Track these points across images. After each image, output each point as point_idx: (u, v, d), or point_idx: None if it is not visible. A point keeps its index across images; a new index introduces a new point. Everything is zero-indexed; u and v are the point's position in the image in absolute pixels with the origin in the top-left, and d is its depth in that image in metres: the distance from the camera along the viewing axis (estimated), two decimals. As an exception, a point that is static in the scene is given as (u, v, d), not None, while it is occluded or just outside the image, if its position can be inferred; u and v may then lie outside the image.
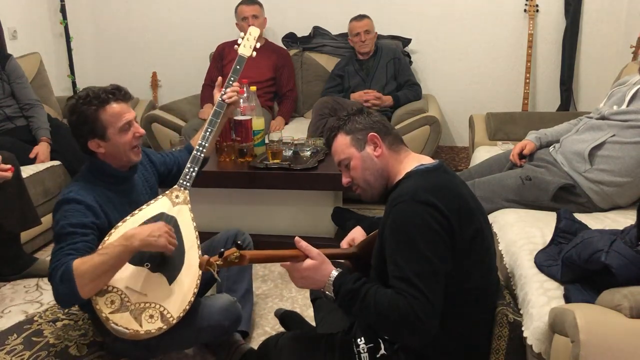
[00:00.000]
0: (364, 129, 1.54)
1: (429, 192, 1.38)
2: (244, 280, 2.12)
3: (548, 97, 3.95)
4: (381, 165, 1.53)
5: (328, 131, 1.62)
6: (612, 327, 1.27)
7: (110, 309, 1.65)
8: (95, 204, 1.77)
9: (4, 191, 2.38)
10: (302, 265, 1.45)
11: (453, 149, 4.11)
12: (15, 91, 3.08)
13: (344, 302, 1.41)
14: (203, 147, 2.01)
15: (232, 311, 1.83)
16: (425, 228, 1.34)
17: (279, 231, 2.90)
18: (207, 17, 4.23)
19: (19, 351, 2.04)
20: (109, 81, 1.99)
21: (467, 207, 1.42)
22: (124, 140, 1.81)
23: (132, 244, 1.64)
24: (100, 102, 1.77)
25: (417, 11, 3.96)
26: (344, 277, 1.43)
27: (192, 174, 1.96)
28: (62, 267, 1.60)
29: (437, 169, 1.50)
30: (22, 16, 3.89)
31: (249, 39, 2.19)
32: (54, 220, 1.76)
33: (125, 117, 1.80)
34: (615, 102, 2.22)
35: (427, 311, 1.29)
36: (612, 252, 1.40)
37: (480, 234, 1.44)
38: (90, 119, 1.77)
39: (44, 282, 2.60)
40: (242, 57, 2.15)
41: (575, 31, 3.73)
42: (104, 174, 1.86)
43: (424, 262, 1.32)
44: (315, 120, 3.41)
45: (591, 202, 2.13)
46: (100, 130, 1.78)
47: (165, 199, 1.91)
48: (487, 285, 1.50)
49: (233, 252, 1.43)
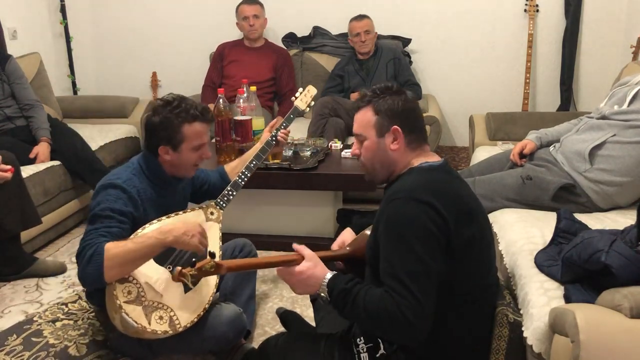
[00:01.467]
0: (391, 117, 1.49)
1: (427, 190, 1.37)
2: (249, 284, 2.14)
3: (548, 97, 3.95)
4: (393, 159, 1.51)
5: (361, 97, 1.56)
6: (612, 327, 1.26)
7: (126, 298, 1.67)
8: (138, 197, 1.81)
9: (4, 191, 2.38)
10: (297, 269, 1.45)
11: (453, 149, 4.11)
12: (15, 91, 3.08)
13: (337, 303, 1.41)
14: (246, 176, 2.10)
15: (238, 323, 1.84)
16: (420, 227, 1.33)
17: (279, 231, 2.90)
18: (207, 17, 4.23)
19: (19, 351, 2.04)
20: (109, 81, 1.99)
21: (466, 209, 1.40)
22: (192, 158, 1.88)
23: (166, 239, 1.66)
24: (189, 117, 1.82)
25: (417, 11, 3.96)
26: (338, 278, 1.43)
27: (230, 196, 2.04)
28: (95, 246, 1.63)
29: (439, 168, 1.49)
30: (22, 16, 3.89)
31: (306, 94, 2.37)
32: (93, 201, 1.79)
33: (203, 139, 1.87)
34: (616, 102, 2.22)
35: (415, 312, 1.28)
36: (612, 252, 1.40)
37: (479, 235, 1.43)
38: (173, 128, 1.82)
39: (44, 282, 2.60)
40: (297, 109, 2.34)
41: (575, 31, 3.73)
42: (154, 174, 1.89)
43: (416, 261, 1.31)
44: (315, 120, 3.41)
45: (591, 202, 2.13)
46: (176, 142, 1.83)
47: (200, 211, 1.95)
48: (487, 285, 1.49)
49: (207, 262, 1.43)
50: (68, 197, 3.09)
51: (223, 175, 2.21)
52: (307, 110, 2.39)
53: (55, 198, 2.95)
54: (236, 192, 2.05)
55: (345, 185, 2.75)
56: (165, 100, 1.86)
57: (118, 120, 3.82)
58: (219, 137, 2.78)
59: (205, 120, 1.87)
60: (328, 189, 2.80)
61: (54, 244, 3.03)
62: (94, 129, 3.58)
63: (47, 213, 2.88)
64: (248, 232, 2.80)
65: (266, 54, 3.86)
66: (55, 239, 3.07)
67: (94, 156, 3.13)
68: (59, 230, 3.09)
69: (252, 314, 2.16)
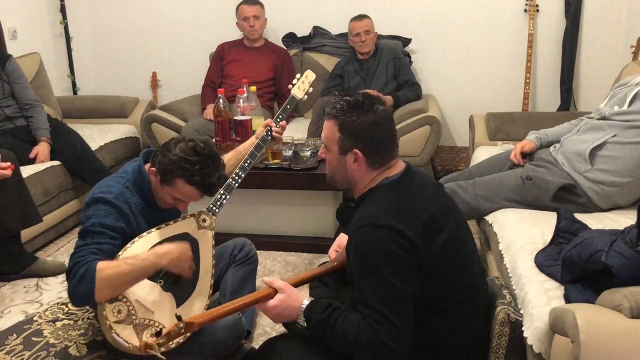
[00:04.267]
0: (354, 138, 1.45)
1: (389, 214, 1.36)
2: (249, 284, 2.13)
3: (548, 97, 3.95)
4: (352, 177, 1.51)
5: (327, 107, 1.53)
6: (612, 327, 1.26)
7: (116, 318, 1.65)
8: (130, 212, 1.79)
9: (4, 189, 2.38)
10: (270, 303, 1.46)
11: (453, 149, 4.11)
12: (15, 91, 3.07)
13: (316, 332, 1.42)
14: (240, 177, 2.03)
15: (237, 329, 1.84)
16: (387, 254, 1.33)
17: (279, 231, 2.90)
18: (207, 17, 4.23)
19: (19, 351, 2.03)
20: (109, 81, 1.99)
21: (433, 220, 1.39)
22: (168, 200, 1.84)
23: (160, 262, 1.67)
24: (191, 181, 1.75)
25: (417, 11, 3.96)
26: (314, 306, 1.43)
27: (222, 201, 1.98)
28: (86, 265, 1.61)
29: (400, 181, 1.47)
30: (22, 16, 3.89)
31: (304, 82, 2.22)
32: (84, 214, 1.77)
33: (187, 199, 1.83)
34: (617, 103, 2.22)
35: (392, 336, 1.30)
36: (612, 252, 1.40)
37: (450, 241, 1.41)
38: (172, 173, 1.76)
39: (44, 282, 2.60)
40: (293, 98, 2.19)
41: (575, 31, 3.73)
42: (143, 191, 1.85)
43: (387, 287, 1.32)
44: (315, 120, 3.41)
45: (591, 202, 2.13)
46: (164, 182, 1.79)
47: (192, 220, 1.91)
48: (468, 285, 1.48)
49: (175, 326, 1.36)
50: (68, 197, 3.09)
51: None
52: (305, 98, 2.25)
53: (55, 198, 2.95)
54: (230, 195, 2.00)
55: (345, 185, 2.75)
56: (192, 146, 1.76)
57: (118, 120, 3.83)
58: (219, 137, 2.78)
59: (204, 192, 1.80)
60: (328, 189, 2.80)
61: (54, 244, 3.03)
62: (94, 129, 3.59)
63: (47, 213, 2.88)
64: (248, 232, 2.80)
65: (266, 54, 3.86)
66: (55, 238, 3.08)
67: (94, 156, 3.13)
68: (59, 230, 3.09)
69: (252, 313, 2.16)
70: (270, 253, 2.80)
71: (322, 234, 2.87)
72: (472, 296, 1.50)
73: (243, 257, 2.12)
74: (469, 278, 1.49)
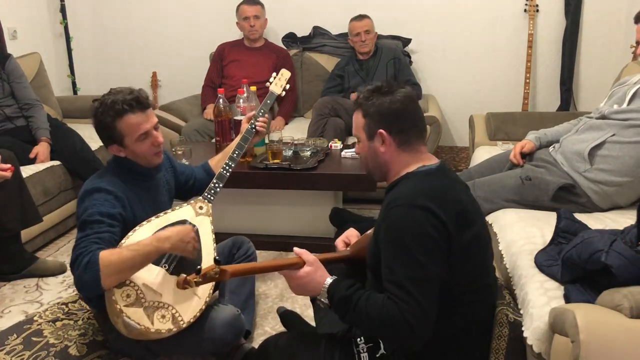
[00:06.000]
0: (378, 120, 1.48)
1: (426, 196, 1.37)
2: (248, 283, 2.14)
3: (548, 97, 3.95)
4: (384, 160, 1.51)
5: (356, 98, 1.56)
6: (612, 327, 1.26)
7: (126, 302, 1.67)
8: (124, 196, 1.80)
9: (4, 190, 2.38)
10: (298, 273, 1.46)
11: (453, 149, 4.11)
12: (15, 91, 3.07)
13: (338, 309, 1.42)
14: (230, 167, 2.08)
15: (236, 325, 1.84)
16: (421, 234, 1.33)
17: (279, 231, 2.89)
18: (207, 17, 4.23)
19: (19, 351, 2.03)
20: (109, 81, 1.99)
21: (464, 212, 1.40)
22: (142, 149, 1.84)
23: (163, 246, 1.67)
24: (116, 113, 1.77)
25: (417, 11, 3.96)
26: (338, 284, 1.43)
27: (216, 189, 2.03)
28: (89, 254, 1.61)
29: (436, 172, 1.49)
30: (22, 16, 3.89)
31: (280, 79, 2.35)
32: (79, 208, 1.77)
33: (142, 128, 1.80)
34: (616, 102, 2.22)
35: (418, 317, 1.29)
36: (612, 252, 1.40)
37: (478, 237, 1.43)
38: (108, 128, 1.80)
39: (44, 282, 2.60)
40: (272, 94, 2.32)
41: (575, 31, 3.73)
42: (131, 171, 1.89)
43: (417, 268, 1.32)
44: (315, 120, 3.41)
45: (591, 202, 2.13)
46: (118, 138, 1.81)
47: (189, 207, 1.94)
48: (486, 285, 1.50)
49: (212, 269, 1.43)
50: (68, 197, 3.09)
51: (208, 170, 2.22)
52: (283, 94, 2.38)
53: (55, 198, 2.95)
54: (222, 183, 2.05)
55: (345, 185, 2.75)
56: (96, 103, 1.81)
57: (118, 120, 3.82)
58: (219, 137, 2.78)
59: (135, 110, 1.78)
60: (328, 189, 2.80)
61: (54, 244, 3.03)
62: (94, 129, 3.58)
63: (47, 213, 2.88)
64: (248, 232, 2.78)
65: (266, 54, 3.86)
66: (55, 238, 3.08)
67: (94, 156, 3.13)
68: (59, 230, 3.09)
69: (252, 312, 2.16)
70: (270, 253, 2.80)
71: (322, 234, 2.86)
72: (487, 296, 1.51)
73: (242, 255, 2.13)
74: (488, 279, 1.50)
